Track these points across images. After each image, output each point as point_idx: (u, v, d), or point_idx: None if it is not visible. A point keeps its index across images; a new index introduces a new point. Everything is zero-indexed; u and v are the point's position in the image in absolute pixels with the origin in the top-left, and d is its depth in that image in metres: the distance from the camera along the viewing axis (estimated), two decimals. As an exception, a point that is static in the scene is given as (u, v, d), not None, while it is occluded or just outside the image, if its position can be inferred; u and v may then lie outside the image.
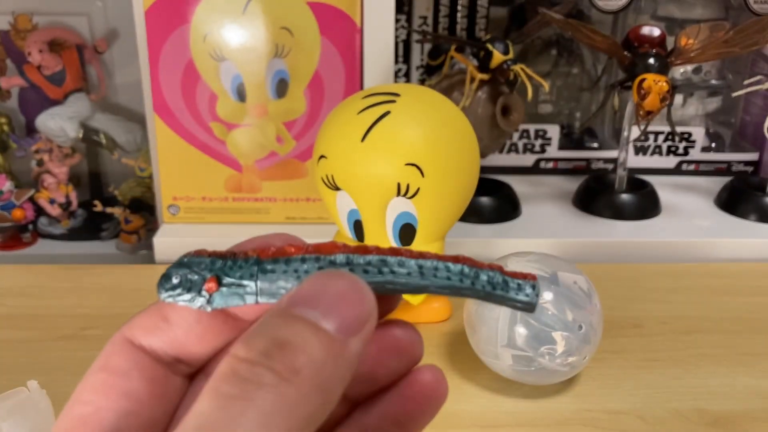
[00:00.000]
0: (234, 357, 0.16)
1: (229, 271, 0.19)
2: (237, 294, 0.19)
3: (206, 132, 0.70)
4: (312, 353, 0.16)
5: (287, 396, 0.16)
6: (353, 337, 0.17)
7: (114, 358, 0.20)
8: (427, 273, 0.20)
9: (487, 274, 0.20)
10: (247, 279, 0.19)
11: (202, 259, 0.20)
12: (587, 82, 0.89)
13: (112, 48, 0.80)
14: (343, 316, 0.17)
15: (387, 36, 0.67)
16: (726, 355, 0.55)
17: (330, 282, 0.18)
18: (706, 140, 0.90)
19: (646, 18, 0.86)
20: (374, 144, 0.48)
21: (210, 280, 0.19)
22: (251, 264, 0.19)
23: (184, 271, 0.19)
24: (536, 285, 0.20)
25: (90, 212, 0.79)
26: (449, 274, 0.20)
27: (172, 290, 0.19)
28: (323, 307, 0.17)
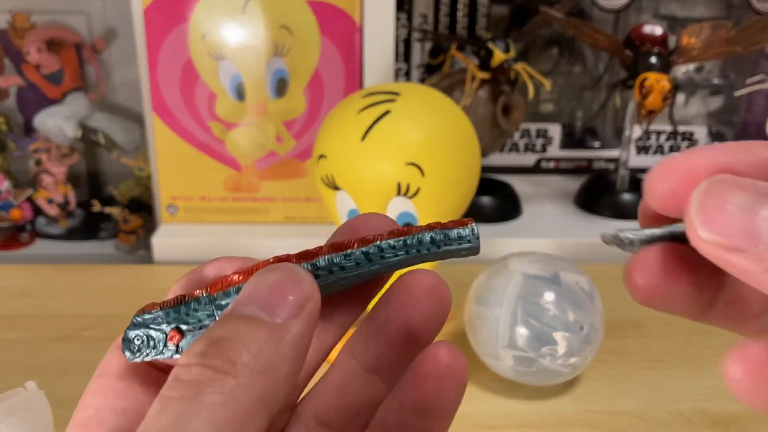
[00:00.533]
0: (177, 365, 0.17)
1: (186, 317, 0.20)
2: (202, 335, 0.20)
3: (205, 131, 0.69)
4: (247, 342, 0.17)
5: (228, 386, 0.16)
6: (293, 318, 0.17)
7: (110, 363, 0.21)
8: (374, 258, 0.20)
9: (429, 235, 0.20)
10: (206, 320, 0.20)
11: (155, 314, 0.20)
12: (589, 81, 0.89)
13: (111, 47, 0.80)
14: (278, 303, 0.17)
15: (387, 35, 0.67)
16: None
17: (265, 277, 0.18)
18: (709, 139, 0.89)
19: (647, 17, 0.85)
20: (374, 143, 0.48)
21: (172, 334, 0.20)
22: (204, 304, 0.20)
23: (142, 331, 0.20)
24: (473, 227, 0.20)
25: (88, 212, 0.78)
26: (395, 252, 0.20)
27: (138, 351, 0.20)
28: (261, 301, 0.18)
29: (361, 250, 0.20)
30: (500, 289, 0.48)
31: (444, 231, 0.20)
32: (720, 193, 0.17)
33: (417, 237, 0.20)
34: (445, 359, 0.21)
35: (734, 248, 0.17)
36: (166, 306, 0.20)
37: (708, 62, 0.86)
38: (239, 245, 0.70)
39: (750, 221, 0.16)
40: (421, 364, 0.21)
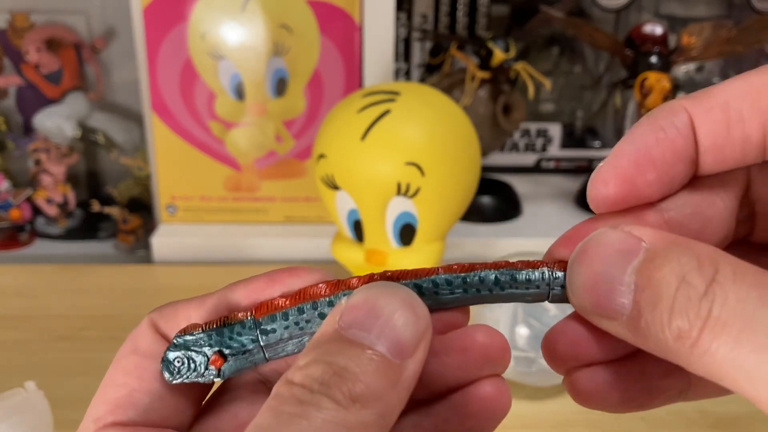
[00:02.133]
0: (291, 383, 0.16)
1: (229, 341, 0.19)
2: (245, 361, 0.19)
3: (205, 131, 0.69)
4: (369, 381, 0.16)
5: (346, 422, 0.16)
6: (409, 358, 0.17)
7: (144, 341, 0.20)
8: (427, 293, 0.19)
9: (492, 274, 0.19)
10: (250, 344, 0.19)
11: (197, 335, 0.19)
12: (589, 80, 0.89)
13: (110, 47, 0.80)
14: (398, 338, 0.17)
15: (387, 34, 0.67)
16: None
17: (381, 299, 0.17)
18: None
19: (648, 16, 0.85)
20: (374, 143, 0.48)
21: (215, 358, 0.19)
22: (249, 327, 0.19)
23: (183, 353, 0.19)
24: (544, 271, 0.19)
25: (87, 212, 0.78)
26: (452, 288, 0.19)
27: (178, 373, 0.19)
28: (377, 329, 0.17)
29: (414, 282, 0.19)
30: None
31: (511, 272, 0.19)
32: (587, 262, 0.18)
33: (479, 275, 0.19)
34: (495, 399, 0.20)
35: (605, 316, 0.17)
36: (209, 328, 0.19)
37: (708, 62, 0.86)
38: (239, 245, 0.70)
39: (612, 291, 0.17)
40: (473, 401, 0.20)
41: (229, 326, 0.19)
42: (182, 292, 0.65)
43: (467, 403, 0.20)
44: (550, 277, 0.19)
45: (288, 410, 0.16)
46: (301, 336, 0.19)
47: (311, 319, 0.19)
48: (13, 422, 0.39)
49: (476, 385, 0.20)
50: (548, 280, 0.19)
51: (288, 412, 0.16)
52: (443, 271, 0.19)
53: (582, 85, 0.89)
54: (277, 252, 0.70)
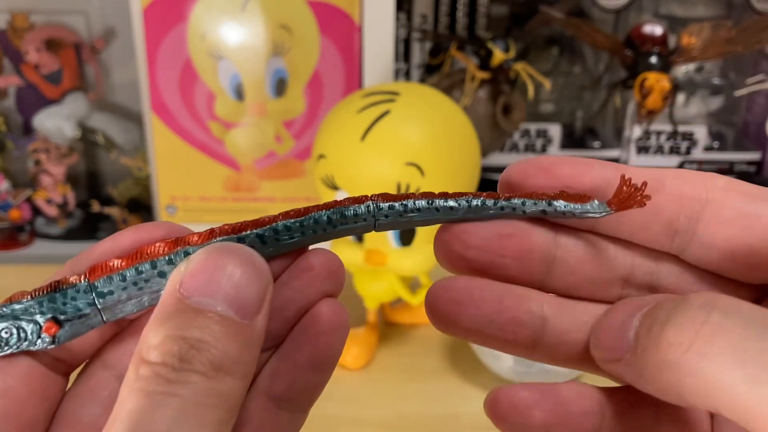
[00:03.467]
0: (149, 362, 0.16)
1: (63, 307, 0.18)
2: (82, 325, 0.19)
3: (204, 131, 0.69)
4: (225, 346, 0.16)
5: (215, 391, 0.16)
6: (257, 315, 0.17)
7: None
8: (268, 240, 0.19)
9: (325, 215, 0.20)
10: (87, 308, 0.18)
11: (27, 303, 0.18)
12: (589, 81, 0.89)
13: (110, 47, 0.80)
14: (243, 299, 0.17)
15: (387, 35, 0.67)
16: None
17: (219, 261, 0.17)
18: (709, 140, 0.89)
19: (648, 16, 0.85)
20: (374, 143, 0.48)
21: (48, 325, 0.18)
22: (84, 292, 0.18)
23: (11, 323, 0.18)
24: (370, 205, 0.20)
25: (87, 212, 0.78)
26: (290, 233, 0.19)
27: (6, 344, 0.18)
28: (221, 294, 0.17)
29: (256, 232, 0.19)
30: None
31: (340, 210, 0.20)
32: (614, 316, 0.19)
33: (314, 217, 0.19)
34: (336, 316, 0.21)
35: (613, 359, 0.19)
36: (39, 295, 0.18)
37: (708, 62, 0.86)
38: (238, 245, 0.70)
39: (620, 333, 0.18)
40: (314, 323, 0.20)
41: (62, 291, 0.18)
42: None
43: (311, 325, 0.20)
44: (375, 209, 0.20)
45: (156, 390, 0.16)
46: (140, 296, 0.19)
47: (150, 279, 0.18)
48: None
49: (316, 307, 0.20)
50: (373, 212, 0.20)
51: (157, 391, 0.16)
52: (282, 218, 0.19)
53: (582, 86, 0.89)
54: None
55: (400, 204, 0.20)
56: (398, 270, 0.51)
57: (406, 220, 0.20)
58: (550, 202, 0.20)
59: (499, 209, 0.20)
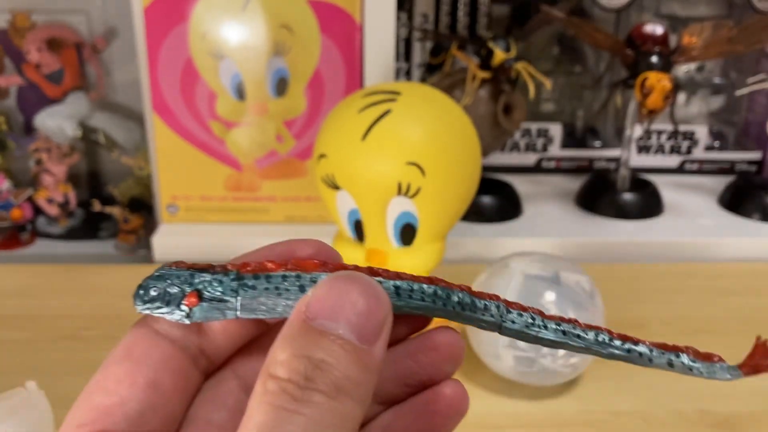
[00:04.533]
0: (277, 377, 0.17)
1: (209, 286, 0.19)
2: (217, 309, 0.19)
3: (205, 131, 0.69)
4: (346, 369, 0.17)
5: (337, 411, 0.17)
6: (376, 342, 0.18)
7: (139, 347, 0.20)
8: (402, 294, 0.20)
9: (457, 295, 0.20)
10: (228, 295, 0.19)
11: (182, 272, 0.19)
12: (590, 80, 0.89)
13: (111, 46, 0.80)
14: (364, 325, 0.18)
15: (388, 34, 0.67)
16: (730, 355, 0.54)
17: (346, 288, 0.18)
18: (710, 139, 0.89)
19: (649, 16, 0.86)
20: (375, 143, 0.48)
21: (191, 295, 0.19)
22: (231, 279, 0.19)
23: (162, 284, 0.19)
24: (500, 306, 0.21)
25: (88, 212, 0.78)
26: (423, 296, 0.20)
27: (150, 303, 0.19)
28: (344, 319, 0.18)
29: (393, 282, 0.20)
30: (501, 289, 0.47)
31: (473, 298, 0.21)
32: None
33: (448, 292, 0.20)
34: (457, 401, 0.22)
35: None
36: (195, 268, 0.20)
37: (709, 61, 0.86)
38: (240, 245, 0.70)
39: None
40: (435, 401, 0.22)
41: (214, 272, 0.19)
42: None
43: (433, 402, 0.22)
44: (504, 311, 0.21)
45: (283, 405, 0.17)
46: (276, 303, 0.19)
47: (291, 289, 0.19)
48: (13, 422, 0.39)
49: (441, 386, 0.22)
50: (502, 313, 0.21)
51: (284, 407, 0.17)
52: (423, 280, 0.20)
53: (583, 85, 0.90)
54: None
55: (529, 315, 0.21)
56: (399, 269, 0.51)
57: (532, 334, 0.21)
58: (678, 354, 0.21)
59: (626, 351, 0.21)
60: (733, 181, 0.82)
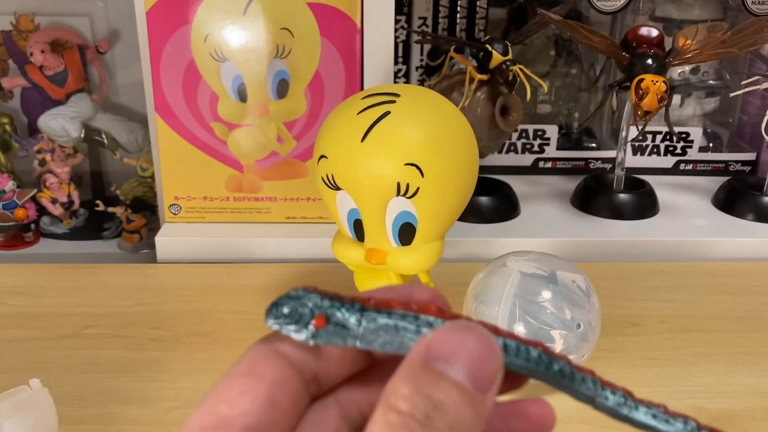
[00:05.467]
0: (398, 410, 0.18)
1: (336, 311, 0.20)
2: (340, 335, 0.20)
3: (207, 132, 0.70)
4: (461, 413, 0.18)
5: None
6: (489, 392, 0.19)
7: (263, 365, 0.21)
8: (510, 351, 0.21)
9: (558, 363, 0.21)
10: (351, 323, 0.20)
11: (313, 295, 0.21)
12: (586, 82, 0.90)
13: (114, 48, 0.80)
14: (480, 373, 0.19)
15: (387, 37, 0.67)
16: (724, 353, 0.55)
17: (464, 336, 0.19)
18: (704, 140, 0.90)
19: (644, 18, 0.86)
20: (374, 144, 0.48)
21: (320, 317, 0.20)
22: (356, 310, 0.21)
23: (295, 303, 0.21)
24: (596, 381, 0.21)
25: (92, 212, 0.79)
26: (528, 357, 0.21)
27: (281, 318, 0.20)
28: (462, 364, 0.19)
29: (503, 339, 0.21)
30: (498, 288, 0.48)
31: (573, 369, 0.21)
32: None
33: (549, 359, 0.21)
34: (540, 420, 0.23)
35: None
36: (325, 294, 0.21)
37: (704, 63, 0.87)
38: (241, 244, 0.70)
39: None
40: (517, 419, 0.22)
41: (342, 301, 0.21)
42: (186, 291, 0.66)
43: (514, 422, 0.22)
44: (599, 386, 0.21)
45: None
46: (392, 340, 0.20)
47: (407, 328, 0.20)
48: (18, 419, 0.39)
49: (522, 404, 0.22)
50: (597, 387, 0.21)
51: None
52: (531, 344, 0.21)
53: (579, 87, 0.90)
54: (279, 251, 0.71)
55: (621, 395, 0.21)
56: (398, 268, 0.52)
57: (623, 413, 0.21)
58: None
59: None
60: (727, 182, 0.82)
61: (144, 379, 0.52)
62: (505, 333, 0.21)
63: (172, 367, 0.53)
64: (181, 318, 0.59)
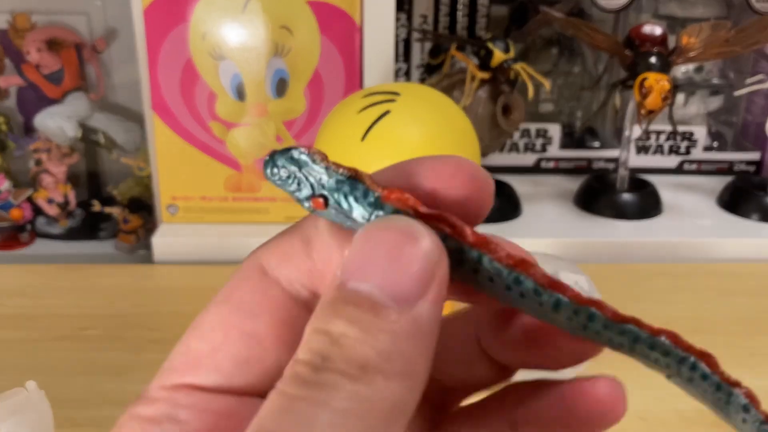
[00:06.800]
0: (296, 359, 0.14)
1: (338, 197, 0.16)
2: (342, 221, 0.17)
3: (205, 131, 0.70)
4: (375, 340, 0.14)
5: (359, 394, 0.13)
6: (420, 301, 0.14)
7: (242, 289, 0.17)
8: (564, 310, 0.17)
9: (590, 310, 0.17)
10: (358, 215, 0.16)
11: (318, 167, 0.16)
12: (588, 81, 0.89)
13: (111, 47, 0.80)
14: (400, 281, 0.14)
15: (387, 35, 0.67)
16: (729, 355, 0.54)
17: (377, 238, 0.15)
18: (708, 139, 0.89)
19: (647, 17, 0.86)
20: (374, 143, 0.48)
21: (318, 199, 0.16)
22: (369, 202, 0.16)
23: (295, 169, 0.16)
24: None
25: (88, 212, 0.78)
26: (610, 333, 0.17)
27: (278, 179, 0.17)
28: (376, 275, 0.14)
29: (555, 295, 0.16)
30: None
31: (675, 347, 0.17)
32: None
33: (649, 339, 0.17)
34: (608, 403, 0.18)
35: None
36: (334, 169, 0.16)
37: (707, 62, 0.87)
38: (239, 245, 0.70)
39: None
40: (580, 400, 0.18)
41: (354, 184, 0.16)
42: (183, 292, 0.65)
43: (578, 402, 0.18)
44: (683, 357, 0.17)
45: (295, 393, 0.14)
46: None
47: None
48: (13, 422, 0.39)
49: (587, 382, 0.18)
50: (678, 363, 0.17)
51: (295, 395, 0.14)
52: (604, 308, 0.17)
53: (581, 86, 0.90)
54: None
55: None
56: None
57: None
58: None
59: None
60: (731, 182, 0.82)
61: (142, 381, 0.50)
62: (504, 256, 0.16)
63: (168, 370, 0.52)
64: (179, 319, 0.58)
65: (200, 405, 0.16)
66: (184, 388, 0.16)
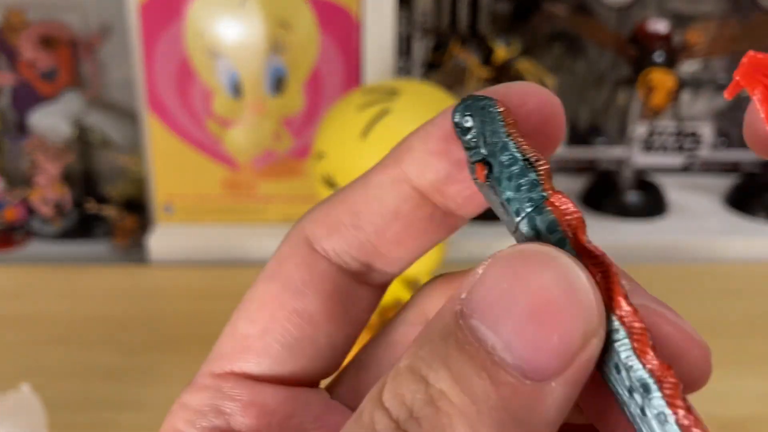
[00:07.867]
0: (381, 406, 0.11)
1: (506, 179, 0.14)
2: (486, 197, 0.15)
3: (202, 129, 0.69)
4: (479, 420, 0.10)
5: None
6: (558, 376, 0.11)
7: (288, 264, 0.16)
8: None
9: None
10: (514, 204, 0.14)
11: (501, 132, 0.14)
12: (592, 78, 0.89)
13: (106, 44, 0.79)
14: (537, 347, 0.11)
15: (387, 31, 0.66)
16: (735, 358, 0.54)
17: (526, 279, 0.11)
18: (715, 138, 0.89)
19: (652, 13, 0.85)
20: (374, 141, 0.47)
21: (485, 167, 0.14)
22: (529, 197, 0.14)
23: (478, 127, 0.15)
24: None
25: (83, 212, 0.78)
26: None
27: (465, 139, 0.15)
28: (507, 330, 0.11)
29: None
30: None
31: None
32: None
33: None
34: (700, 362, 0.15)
35: None
36: (518, 146, 0.14)
37: (714, 59, 0.86)
38: (236, 245, 0.70)
39: None
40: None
41: (525, 170, 0.14)
42: (179, 292, 0.65)
43: None
44: None
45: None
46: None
47: None
48: (6, 425, 0.39)
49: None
50: None
51: None
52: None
53: (586, 83, 0.89)
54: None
55: None
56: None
57: None
58: None
59: None
60: (738, 181, 0.81)
61: (137, 383, 0.51)
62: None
63: (166, 372, 0.52)
64: (175, 320, 0.59)
65: (247, 397, 0.15)
66: (232, 377, 0.15)
